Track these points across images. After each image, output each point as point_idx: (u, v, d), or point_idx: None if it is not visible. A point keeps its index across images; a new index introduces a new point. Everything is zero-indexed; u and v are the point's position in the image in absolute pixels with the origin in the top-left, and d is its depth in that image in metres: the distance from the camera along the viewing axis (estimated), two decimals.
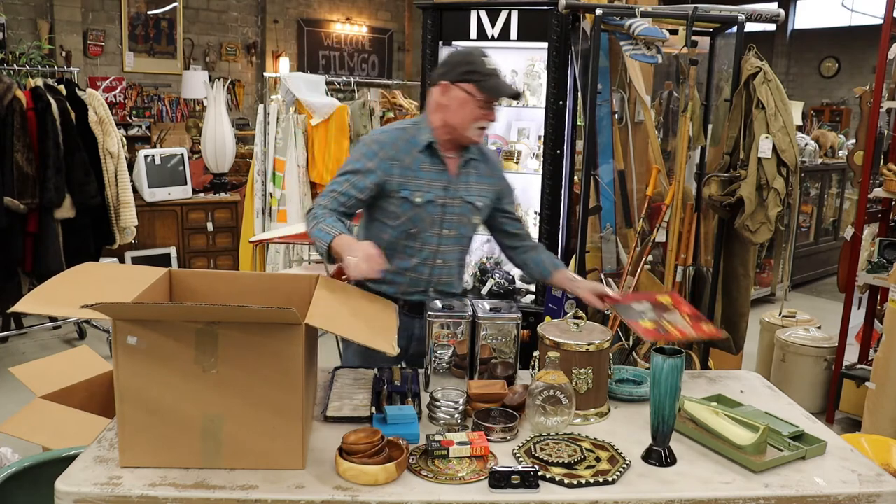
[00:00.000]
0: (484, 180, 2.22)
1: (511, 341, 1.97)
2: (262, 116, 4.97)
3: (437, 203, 2.15)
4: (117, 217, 4.52)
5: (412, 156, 2.12)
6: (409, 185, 2.11)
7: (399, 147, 2.11)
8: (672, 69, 3.81)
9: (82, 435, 2.25)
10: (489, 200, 2.24)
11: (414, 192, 2.11)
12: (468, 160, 2.19)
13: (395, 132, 2.16)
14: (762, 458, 1.59)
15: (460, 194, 2.17)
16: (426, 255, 2.18)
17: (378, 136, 2.16)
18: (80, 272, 1.79)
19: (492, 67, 2.06)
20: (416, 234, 2.16)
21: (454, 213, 2.17)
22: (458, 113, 2.08)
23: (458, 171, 2.17)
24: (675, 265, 3.30)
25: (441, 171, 2.15)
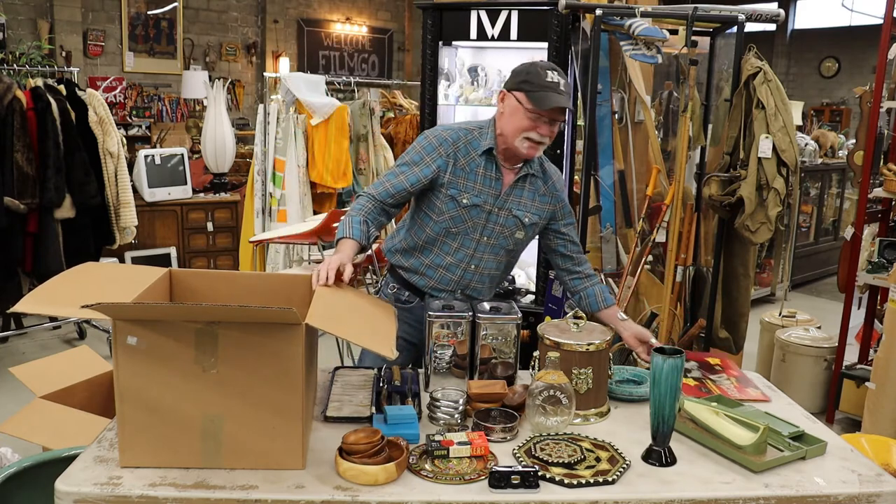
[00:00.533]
0: (538, 198, 2.20)
1: (511, 341, 1.97)
2: (262, 116, 4.97)
3: (484, 209, 2.15)
4: (117, 217, 4.52)
5: (469, 158, 2.14)
6: (458, 185, 2.13)
7: (459, 147, 2.14)
8: (672, 69, 3.81)
9: (82, 435, 2.25)
10: (540, 219, 2.21)
11: (462, 192, 2.13)
12: (526, 175, 2.17)
13: (461, 132, 2.17)
14: (762, 459, 1.59)
15: (509, 206, 2.17)
16: (461, 256, 2.19)
17: (441, 132, 2.17)
18: (80, 272, 1.79)
19: (551, 81, 2.02)
20: (455, 234, 2.18)
21: (498, 222, 2.17)
22: (508, 121, 2.08)
23: (513, 184, 2.16)
24: (675, 265, 3.30)
25: (496, 179, 2.15)
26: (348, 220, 2.05)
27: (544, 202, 2.21)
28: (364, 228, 2.04)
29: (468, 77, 3.67)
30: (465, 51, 3.72)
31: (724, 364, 2.17)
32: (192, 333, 1.47)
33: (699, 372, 2.09)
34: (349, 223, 2.04)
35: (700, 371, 2.10)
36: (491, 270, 2.24)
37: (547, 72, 2.04)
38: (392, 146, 5.67)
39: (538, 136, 2.05)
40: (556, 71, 2.06)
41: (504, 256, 2.24)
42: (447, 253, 2.20)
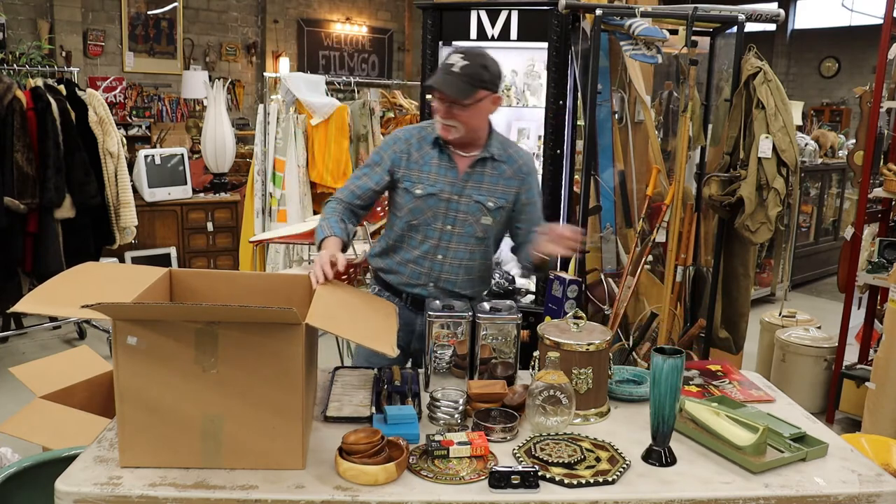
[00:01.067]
0: (503, 182, 2.21)
1: (511, 341, 1.97)
2: (262, 116, 4.97)
3: (441, 198, 2.18)
4: (117, 217, 4.52)
5: (423, 151, 2.20)
6: (411, 178, 2.18)
7: (412, 143, 2.21)
8: (672, 69, 3.81)
9: (82, 435, 2.25)
10: (507, 202, 2.22)
11: (415, 183, 2.18)
12: (482, 159, 2.19)
13: (414, 129, 2.25)
14: (762, 459, 1.59)
15: (469, 192, 2.18)
16: (427, 248, 2.21)
17: (396, 132, 2.26)
18: (80, 272, 1.79)
19: (448, 63, 2.07)
20: (417, 227, 2.21)
21: (460, 210, 2.19)
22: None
23: (470, 170, 2.19)
24: (675, 265, 3.30)
25: (450, 167, 2.19)
26: (324, 222, 2.12)
27: (510, 185, 2.22)
28: (342, 226, 2.12)
29: None
30: None
31: (726, 369, 2.17)
32: (192, 333, 1.47)
33: (701, 379, 2.09)
34: (326, 224, 2.11)
35: (702, 378, 2.10)
36: (462, 260, 2.23)
37: (453, 55, 2.09)
38: None
39: (442, 119, 2.11)
40: (463, 53, 2.08)
41: (475, 245, 2.24)
42: (414, 247, 2.23)
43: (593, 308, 3.43)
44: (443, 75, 2.07)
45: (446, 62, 2.08)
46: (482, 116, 2.15)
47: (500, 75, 2.14)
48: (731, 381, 2.09)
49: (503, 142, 2.25)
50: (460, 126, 2.10)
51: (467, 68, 2.05)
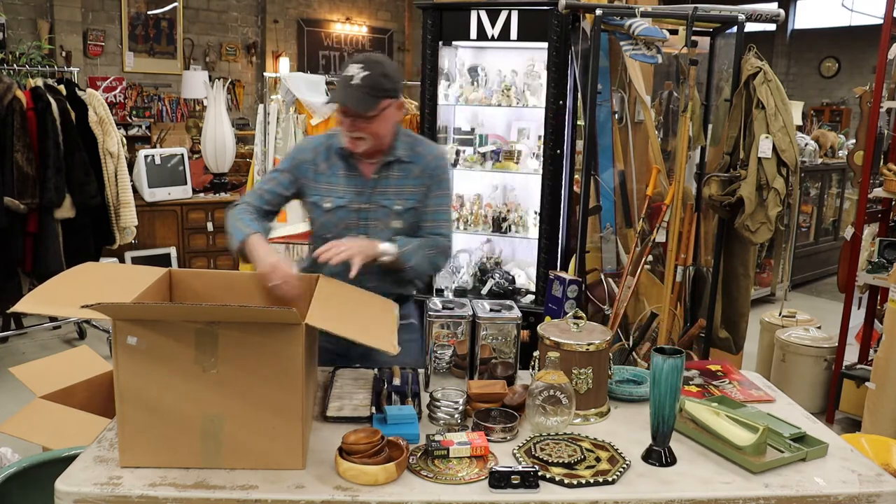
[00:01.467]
0: (411, 182, 2.15)
1: (511, 341, 1.97)
2: (262, 116, 4.97)
3: (351, 209, 2.12)
4: (117, 217, 4.52)
5: (330, 162, 2.13)
6: (319, 191, 2.12)
7: (319, 152, 2.14)
8: (672, 69, 3.81)
9: (82, 435, 2.25)
10: (417, 202, 2.16)
11: (324, 197, 2.12)
12: (388, 163, 2.13)
13: (322, 137, 2.18)
14: (762, 459, 1.59)
15: (376, 199, 2.13)
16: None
17: (304, 141, 2.21)
18: (80, 272, 1.79)
19: (347, 74, 1.99)
20: (331, 240, 2.10)
21: (370, 218, 2.13)
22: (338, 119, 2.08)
23: (376, 175, 2.13)
24: (675, 265, 3.30)
25: (355, 176, 2.13)
26: (238, 222, 2.01)
27: (418, 184, 2.15)
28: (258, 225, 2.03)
29: (468, 77, 3.67)
30: (465, 51, 3.72)
31: (726, 369, 2.17)
32: (192, 333, 1.47)
33: (701, 379, 2.09)
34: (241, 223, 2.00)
35: (702, 378, 2.10)
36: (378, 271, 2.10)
37: (351, 65, 2.01)
38: None
39: (348, 132, 2.04)
40: (362, 63, 2.00)
41: None
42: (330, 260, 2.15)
43: (593, 308, 3.43)
44: (344, 89, 1.99)
45: (345, 74, 1.99)
46: (388, 125, 2.07)
47: (401, 80, 2.10)
48: (731, 381, 2.09)
49: (411, 142, 2.18)
50: (368, 138, 2.04)
51: (368, 79, 1.98)
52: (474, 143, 3.69)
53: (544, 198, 3.43)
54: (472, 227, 3.70)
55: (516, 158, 3.59)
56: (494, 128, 3.81)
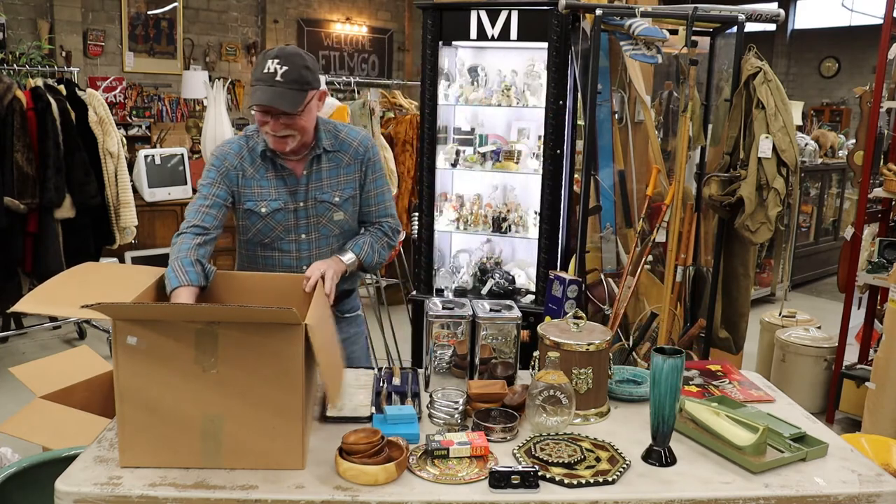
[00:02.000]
0: (344, 171, 2.10)
1: (511, 341, 1.97)
2: None
3: (288, 210, 2.07)
4: (117, 217, 4.52)
5: (256, 165, 2.05)
6: (252, 196, 2.06)
7: (243, 156, 2.06)
8: (672, 69, 3.81)
9: (82, 435, 2.25)
10: (354, 190, 2.13)
11: (258, 202, 2.06)
12: (317, 156, 2.07)
13: (241, 141, 2.08)
14: (762, 459, 1.59)
15: (313, 195, 2.08)
16: (288, 262, 2.12)
17: (223, 147, 2.08)
18: (80, 272, 1.79)
19: (267, 71, 1.90)
20: (270, 245, 2.11)
21: (309, 216, 2.09)
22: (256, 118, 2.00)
23: (307, 171, 2.07)
24: (675, 265, 3.30)
25: (286, 176, 2.06)
26: (177, 265, 1.88)
27: (351, 172, 2.11)
28: (198, 268, 1.90)
29: (468, 77, 3.67)
30: (465, 51, 3.71)
31: (726, 369, 2.17)
32: (192, 333, 1.47)
33: (701, 379, 2.09)
34: (180, 268, 1.87)
35: (702, 378, 2.10)
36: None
37: (268, 61, 1.91)
38: (392, 146, 5.67)
39: (272, 131, 1.96)
40: (281, 58, 1.91)
41: (335, 243, 2.14)
42: (272, 265, 2.13)
43: (593, 308, 3.43)
44: (267, 88, 1.90)
45: (265, 72, 1.90)
46: (313, 116, 2.02)
47: (319, 69, 2.02)
48: (731, 381, 2.09)
49: (332, 130, 2.12)
50: (296, 134, 1.97)
51: (290, 74, 1.90)
52: (474, 143, 3.69)
53: (544, 198, 3.43)
54: (472, 227, 3.70)
55: (516, 158, 3.59)
56: (494, 128, 3.81)
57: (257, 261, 2.15)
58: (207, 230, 2.00)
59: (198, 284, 1.87)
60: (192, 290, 1.85)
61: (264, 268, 2.14)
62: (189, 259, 1.90)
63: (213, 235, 2.02)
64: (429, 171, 3.61)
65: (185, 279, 1.85)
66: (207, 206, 2.02)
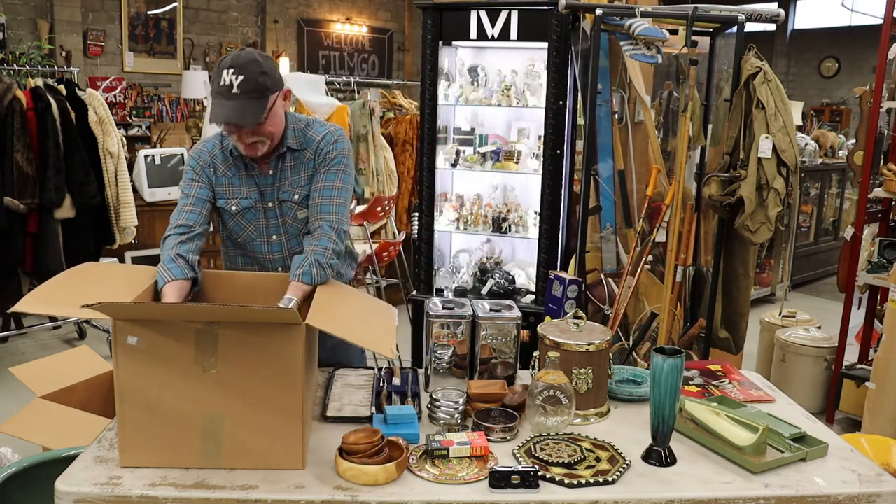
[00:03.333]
0: (306, 167, 2.07)
1: (511, 341, 1.97)
2: None
3: (257, 209, 2.07)
4: (117, 217, 4.52)
5: (228, 164, 2.06)
6: (224, 194, 2.06)
7: (216, 155, 2.06)
8: (672, 69, 3.81)
9: (82, 435, 2.25)
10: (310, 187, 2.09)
11: (229, 199, 2.06)
12: (281, 155, 2.05)
13: (215, 140, 2.08)
14: (762, 459, 1.59)
15: (279, 195, 2.07)
16: (263, 262, 2.13)
17: (199, 146, 2.09)
18: (80, 272, 1.79)
19: (223, 84, 1.86)
20: (243, 244, 2.11)
21: (278, 216, 2.08)
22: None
23: (273, 171, 2.06)
24: (675, 265, 3.30)
25: (255, 175, 2.06)
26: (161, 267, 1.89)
27: (311, 168, 2.07)
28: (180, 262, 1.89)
29: (468, 77, 3.67)
30: (465, 51, 3.72)
31: (726, 369, 2.17)
32: (192, 333, 1.47)
33: (701, 379, 2.09)
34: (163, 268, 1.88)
35: (702, 378, 2.10)
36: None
37: (223, 72, 1.86)
38: (392, 146, 5.67)
39: (240, 142, 1.94)
40: (235, 68, 1.85)
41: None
42: (248, 265, 2.14)
43: (593, 308, 3.43)
44: (226, 102, 1.86)
45: (221, 85, 1.85)
46: (280, 118, 1.99)
47: (277, 70, 1.98)
48: (731, 381, 2.09)
49: (302, 127, 2.08)
50: (265, 139, 1.96)
51: (246, 84, 1.85)
52: (474, 143, 3.69)
53: (544, 198, 3.43)
54: (472, 227, 3.70)
55: (516, 158, 3.59)
56: (494, 128, 3.81)
57: (235, 260, 2.16)
58: (191, 227, 1.98)
59: (182, 277, 1.86)
60: (178, 283, 1.84)
61: (243, 268, 2.15)
62: (170, 256, 1.90)
63: (197, 231, 1.99)
64: (429, 171, 3.61)
65: (169, 276, 1.85)
66: (189, 205, 2.01)
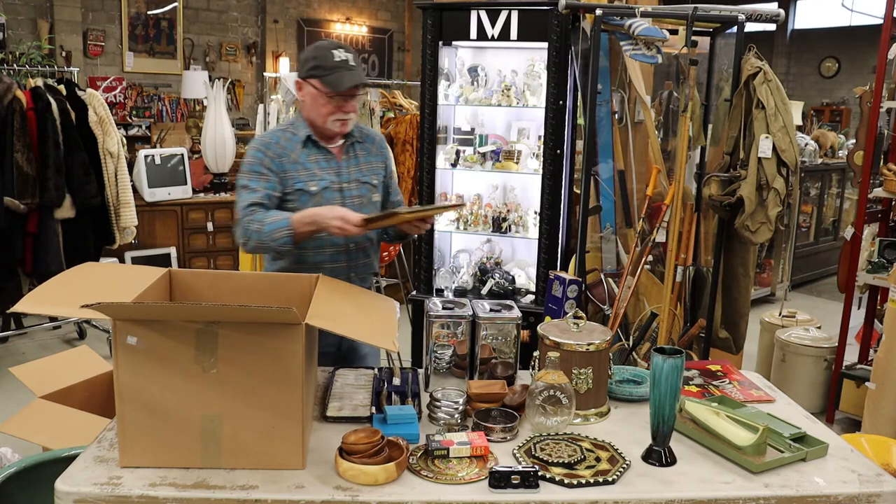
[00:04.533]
0: (373, 159, 2.31)
1: (511, 341, 1.97)
2: (262, 116, 4.97)
3: (334, 188, 2.20)
4: (117, 217, 4.52)
5: (297, 152, 2.18)
6: (300, 178, 2.17)
7: (283, 144, 2.18)
8: (672, 69, 3.81)
9: (82, 435, 2.25)
10: (383, 177, 2.35)
11: (307, 182, 2.17)
12: (352, 143, 2.26)
13: (277, 132, 2.23)
14: (762, 459, 1.59)
15: (355, 177, 2.24)
16: (338, 241, 2.20)
17: (261, 139, 2.21)
18: (80, 272, 1.79)
19: (339, 59, 2.10)
20: None
21: (353, 195, 2.23)
22: (312, 108, 2.16)
23: (346, 156, 2.25)
24: (675, 265, 3.30)
25: (328, 158, 2.22)
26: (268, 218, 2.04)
27: (378, 161, 2.33)
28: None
29: (468, 77, 3.67)
30: (465, 51, 3.72)
31: (726, 369, 2.17)
32: (192, 333, 1.47)
33: (701, 379, 2.09)
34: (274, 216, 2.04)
35: (702, 378, 2.10)
36: (371, 241, 2.30)
37: (333, 51, 2.11)
38: (392, 146, 5.66)
39: (344, 115, 2.15)
40: (343, 47, 2.14)
41: None
42: (322, 247, 2.20)
43: (593, 308, 3.43)
44: (348, 72, 2.10)
45: (338, 61, 2.10)
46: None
47: None
48: (731, 381, 2.09)
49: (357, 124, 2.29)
50: (352, 115, 2.18)
51: (354, 60, 2.14)
52: (474, 143, 3.69)
53: (544, 198, 3.43)
54: (472, 227, 3.70)
55: (516, 158, 3.59)
56: (494, 128, 3.81)
57: (307, 244, 2.19)
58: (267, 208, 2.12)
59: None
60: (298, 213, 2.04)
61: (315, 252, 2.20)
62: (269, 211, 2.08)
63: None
64: (429, 171, 3.61)
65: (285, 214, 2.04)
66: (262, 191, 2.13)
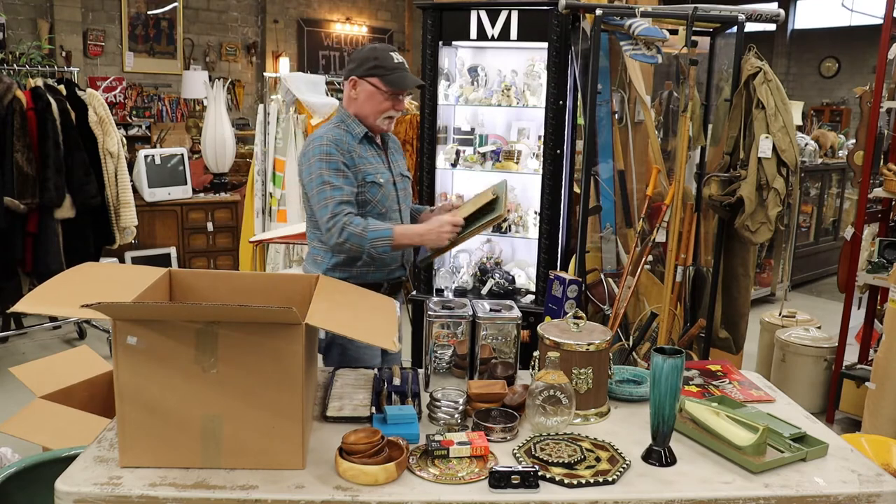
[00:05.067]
0: (399, 156, 2.49)
1: (511, 341, 1.97)
2: (262, 116, 4.97)
3: (391, 182, 2.37)
4: (117, 217, 4.52)
5: (356, 148, 2.30)
6: (368, 170, 2.30)
7: (347, 141, 2.29)
8: (672, 69, 3.81)
9: (82, 435, 2.25)
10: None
11: (375, 174, 2.31)
12: (384, 140, 2.43)
13: (334, 131, 2.30)
14: (762, 459, 1.59)
15: (398, 170, 2.42)
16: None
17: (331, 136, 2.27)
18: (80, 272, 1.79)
19: (398, 61, 2.29)
20: (385, 214, 2.32)
21: (401, 188, 2.41)
22: (366, 105, 2.30)
23: (387, 151, 2.42)
24: (675, 265, 3.30)
25: (379, 153, 2.37)
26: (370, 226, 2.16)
27: (402, 157, 2.51)
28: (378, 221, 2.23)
29: (468, 77, 3.67)
30: (465, 51, 3.72)
31: (726, 369, 2.17)
32: (192, 333, 1.47)
33: (701, 379, 2.09)
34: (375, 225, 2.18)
35: (702, 378, 2.10)
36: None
37: (391, 54, 2.29)
38: None
39: (395, 113, 2.33)
40: (397, 52, 2.33)
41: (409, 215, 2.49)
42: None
43: (593, 308, 3.43)
44: (407, 74, 2.29)
45: (398, 62, 2.28)
46: None
47: None
48: (731, 381, 2.09)
49: None
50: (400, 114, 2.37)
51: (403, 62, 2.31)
52: (474, 143, 3.69)
53: (544, 198, 3.43)
54: None
55: (516, 158, 3.59)
56: (494, 128, 3.81)
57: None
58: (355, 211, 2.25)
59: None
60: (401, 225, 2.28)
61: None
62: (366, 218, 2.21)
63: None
64: (429, 171, 3.61)
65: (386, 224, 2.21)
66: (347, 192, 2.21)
